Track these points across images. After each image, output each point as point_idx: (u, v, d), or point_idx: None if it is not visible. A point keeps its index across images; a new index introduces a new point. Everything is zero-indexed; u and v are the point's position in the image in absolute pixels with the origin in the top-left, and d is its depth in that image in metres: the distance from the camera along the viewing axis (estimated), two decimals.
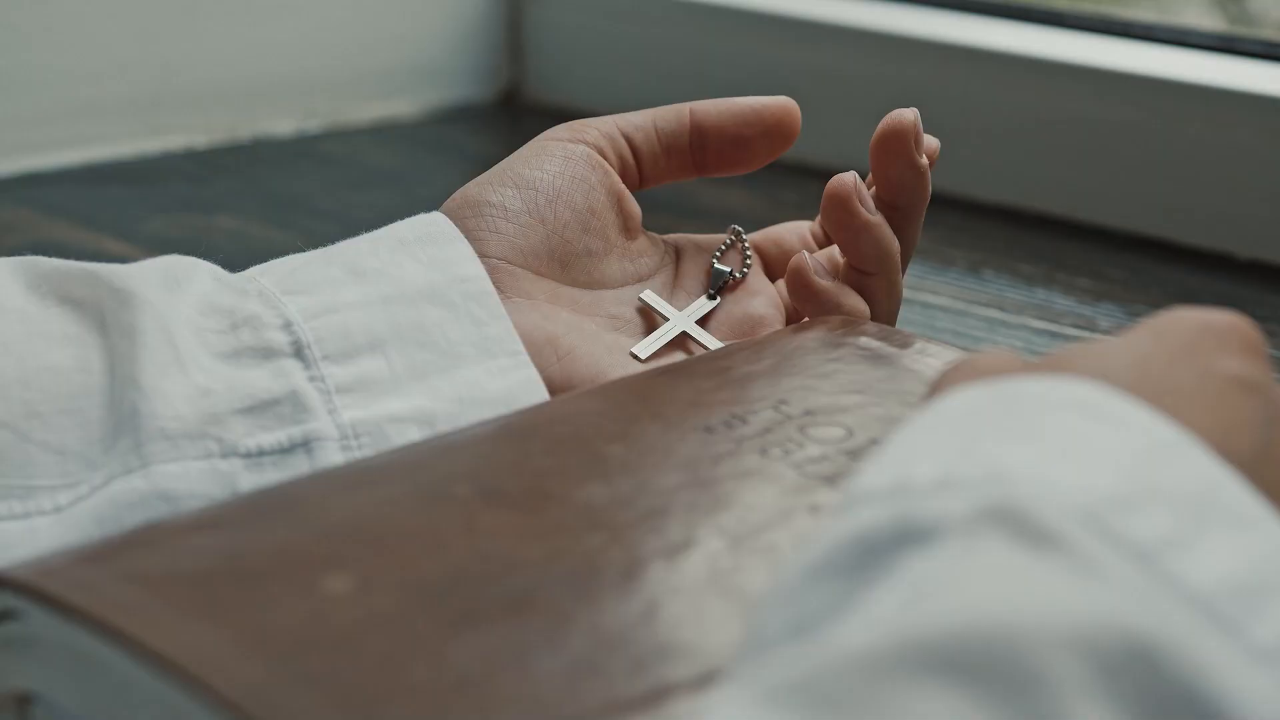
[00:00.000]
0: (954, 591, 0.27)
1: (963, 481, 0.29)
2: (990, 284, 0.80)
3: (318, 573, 0.36)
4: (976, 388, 0.33)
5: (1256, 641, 0.28)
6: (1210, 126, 0.84)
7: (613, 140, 0.56)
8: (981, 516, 0.28)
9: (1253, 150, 0.82)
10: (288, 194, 0.94)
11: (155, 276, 0.48)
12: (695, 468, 0.42)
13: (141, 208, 0.90)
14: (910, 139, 0.55)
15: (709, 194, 0.92)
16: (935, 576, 0.27)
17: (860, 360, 0.49)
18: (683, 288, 0.57)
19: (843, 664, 0.25)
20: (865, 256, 0.55)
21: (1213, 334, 0.34)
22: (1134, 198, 0.87)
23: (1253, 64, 0.87)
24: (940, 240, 0.86)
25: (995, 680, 0.25)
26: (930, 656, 0.25)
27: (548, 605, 0.35)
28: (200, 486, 0.45)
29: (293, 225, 0.87)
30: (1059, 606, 0.26)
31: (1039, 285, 0.80)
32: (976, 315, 0.76)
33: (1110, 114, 0.87)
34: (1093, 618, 0.26)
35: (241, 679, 0.32)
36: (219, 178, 0.96)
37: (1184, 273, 0.82)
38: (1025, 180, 0.90)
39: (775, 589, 0.30)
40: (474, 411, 0.48)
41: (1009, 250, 0.85)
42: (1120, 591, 0.27)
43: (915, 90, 0.93)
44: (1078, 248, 0.85)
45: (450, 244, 0.52)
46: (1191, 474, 0.31)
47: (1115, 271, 0.82)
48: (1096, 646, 0.26)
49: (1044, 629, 0.26)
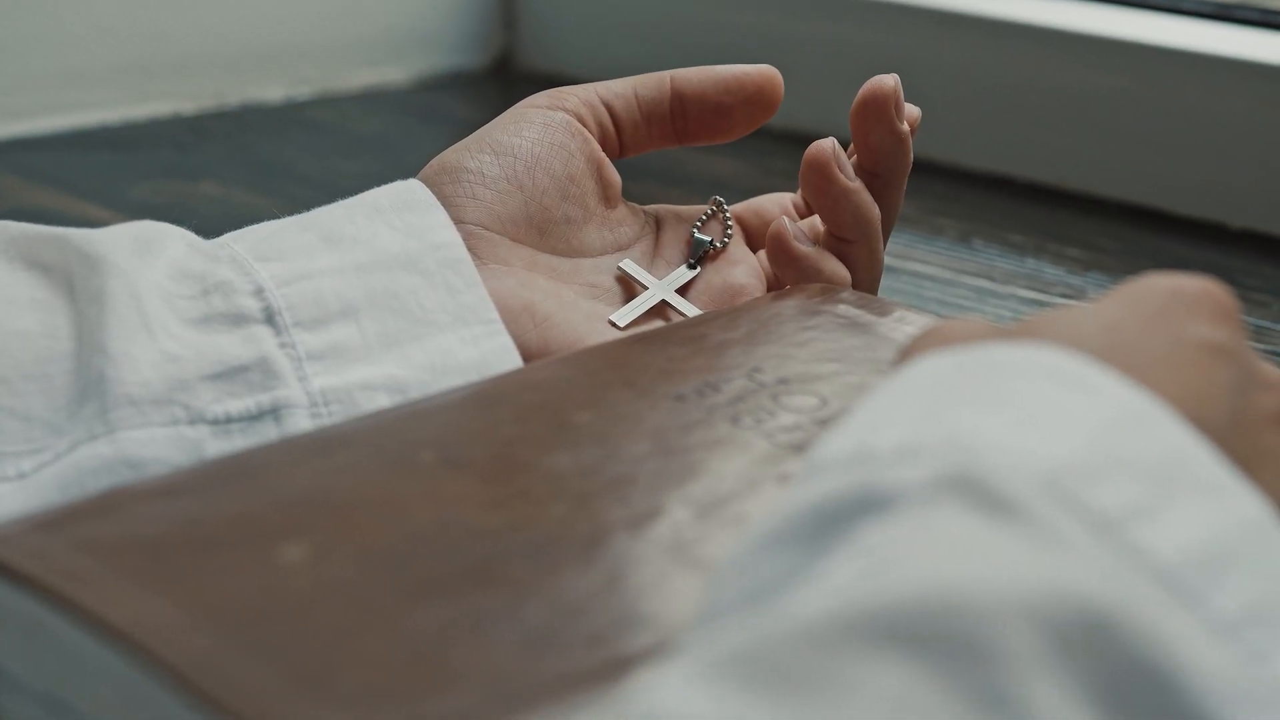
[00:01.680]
0: (908, 561, 0.26)
1: (924, 449, 0.29)
2: (980, 253, 0.80)
3: (275, 541, 0.36)
4: (945, 355, 0.32)
5: (1218, 613, 0.27)
6: (1203, 95, 0.83)
7: (593, 108, 0.56)
8: (940, 485, 0.28)
9: (1246, 119, 0.82)
10: (275, 161, 0.93)
11: (125, 242, 0.48)
12: (664, 436, 0.41)
13: (127, 174, 0.89)
14: (890, 105, 0.54)
15: (698, 162, 0.91)
16: (890, 546, 0.27)
17: (837, 328, 0.48)
18: (663, 257, 0.56)
19: (791, 635, 0.25)
20: (845, 223, 0.54)
21: (1185, 300, 0.34)
22: (1126, 167, 0.86)
23: (1247, 31, 0.86)
24: (930, 209, 0.85)
25: (947, 651, 0.25)
26: (881, 627, 0.25)
27: (508, 575, 0.35)
28: (166, 453, 0.44)
29: (278, 192, 0.86)
30: (1015, 577, 0.26)
31: (1029, 255, 0.79)
32: (965, 285, 0.75)
33: (1103, 82, 0.87)
34: (1049, 588, 0.26)
35: (190, 650, 0.32)
36: (206, 144, 0.96)
37: (1176, 242, 0.81)
38: (1017, 149, 0.90)
39: (733, 558, 0.30)
40: (447, 380, 0.47)
41: (999, 219, 0.84)
42: (1079, 562, 0.27)
43: (909, 58, 0.92)
44: (1069, 217, 0.85)
45: (427, 211, 0.51)
46: (1160, 442, 0.30)
47: (1106, 241, 0.81)
48: (1052, 618, 0.25)
49: (999, 599, 0.25)
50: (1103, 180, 0.87)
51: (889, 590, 0.25)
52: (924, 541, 0.27)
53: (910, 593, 0.25)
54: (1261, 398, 0.34)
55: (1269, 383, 0.34)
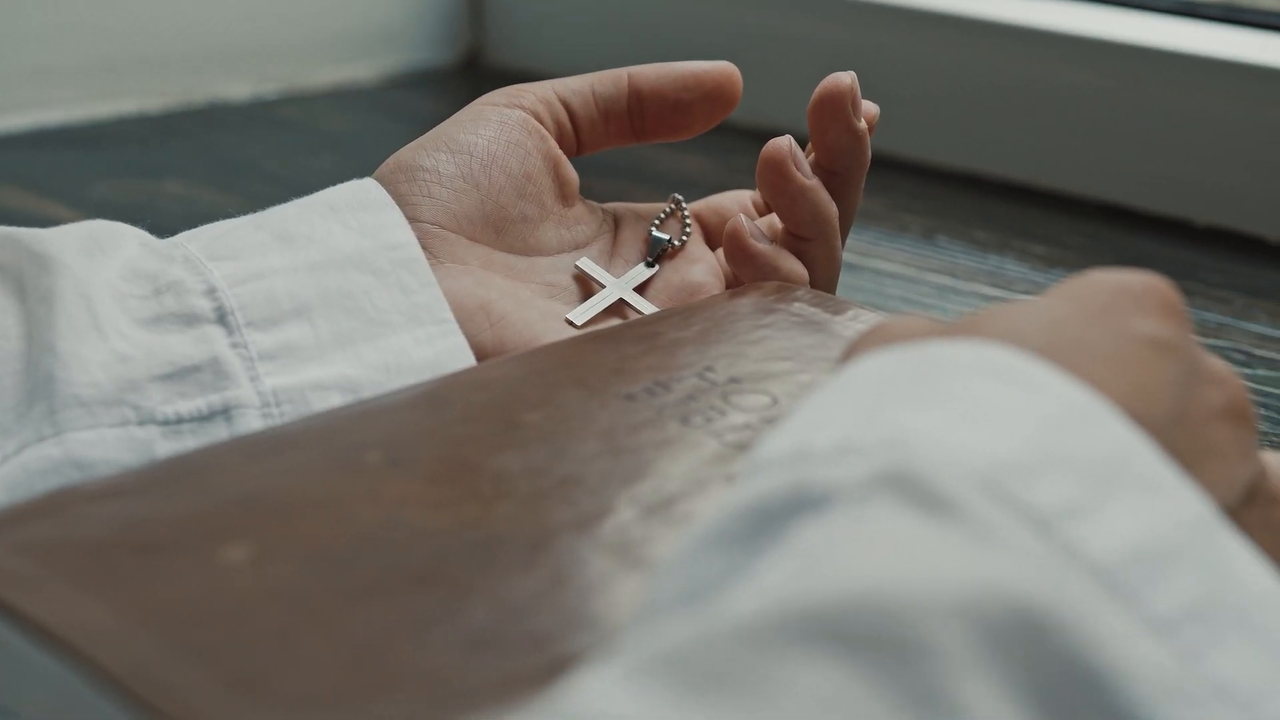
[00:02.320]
0: (842, 559, 0.26)
1: (861, 447, 0.29)
2: (944, 250, 0.79)
3: (217, 543, 0.35)
4: (886, 353, 0.32)
5: (1156, 611, 0.27)
6: (1169, 92, 0.83)
7: (550, 105, 0.56)
8: (877, 482, 0.28)
9: (1211, 116, 0.82)
10: (240, 159, 0.93)
11: (76, 242, 0.48)
12: (613, 436, 0.41)
13: (90, 172, 0.88)
14: (847, 103, 0.54)
15: (665, 160, 0.91)
16: (825, 544, 0.27)
17: (792, 327, 0.48)
18: (621, 256, 0.56)
19: (721, 635, 0.25)
20: (801, 221, 0.54)
21: (1129, 295, 0.34)
22: (1093, 164, 0.86)
23: (1212, 28, 0.86)
24: (896, 206, 0.85)
25: (879, 651, 0.24)
26: (812, 626, 0.25)
27: (451, 576, 0.35)
28: (115, 454, 0.44)
29: (242, 190, 0.86)
30: (949, 575, 0.26)
31: (993, 252, 0.79)
32: (928, 282, 0.75)
33: (1069, 79, 0.86)
34: (983, 587, 0.25)
35: (126, 654, 0.31)
36: (171, 142, 0.95)
37: (1141, 239, 0.81)
38: (984, 146, 0.90)
39: (672, 558, 0.29)
40: (400, 379, 0.47)
41: (965, 217, 0.84)
42: (1014, 560, 0.27)
43: (877, 55, 0.92)
44: (1035, 214, 0.85)
45: (381, 210, 0.51)
46: (1101, 439, 0.30)
47: (1072, 238, 0.81)
48: (985, 616, 0.25)
49: (932, 598, 0.25)
50: (1069, 177, 0.87)
51: (821, 589, 0.25)
52: (858, 539, 0.27)
53: (843, 591, 0.25)
54: (1207, 393, 0.34)
55: (1215, 378, 0.34)
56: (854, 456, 0.28)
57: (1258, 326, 0.70)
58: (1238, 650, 0.28)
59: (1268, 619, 0.29)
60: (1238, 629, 0.28)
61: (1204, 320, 0.70)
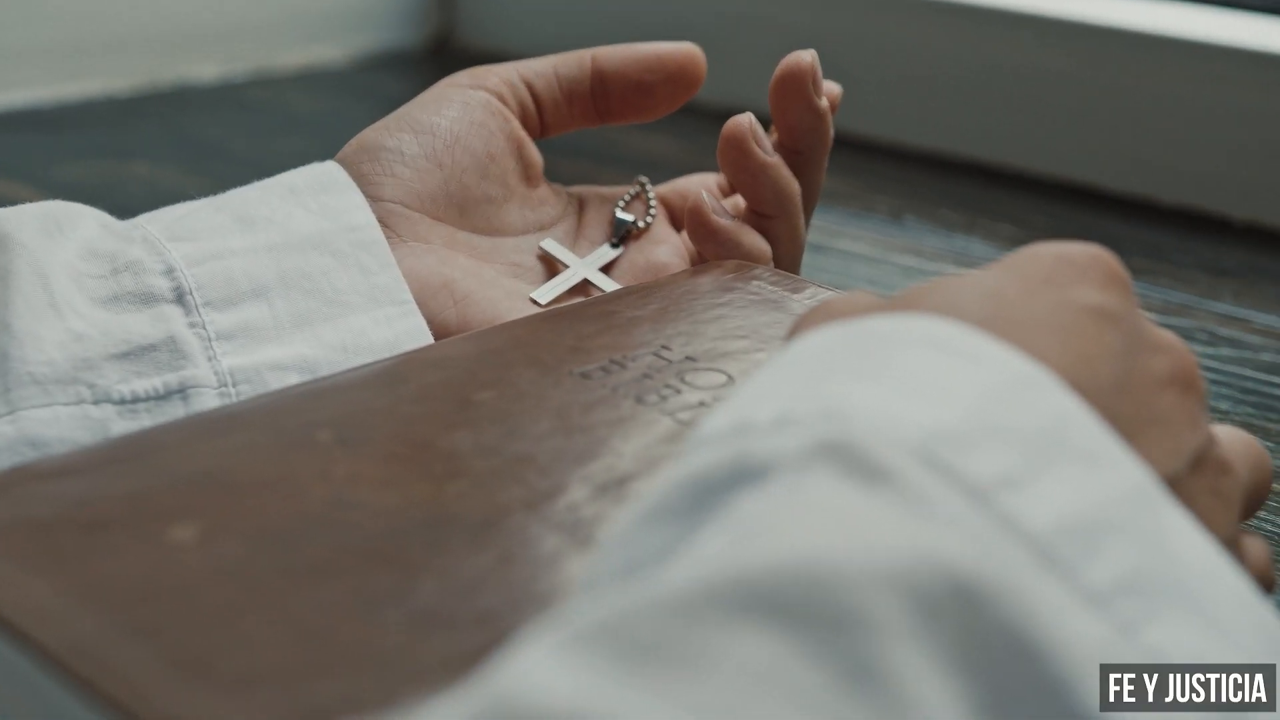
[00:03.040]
0: (777, 529, 0.26)
1: (800, 418, 0.29)
2: (911, 230, 0.79)
3: (165, 522, 0.35)
4: (829, 328, 0.32)
5: (1091, 583, 0.27)
6: (1135, 73, 0.83)
7: (513, 87, 0.56)
8: (814, 452, 0.28)
9: (1177, 97, 0.82)
10: (207, 141, 0.93)
11: (34, 221, 0.47)
12: (567, 415, 0.41)
13: (56, 154, 0.88)
14: (808, 81, 0.54)
15: (630, 141, 0.91)
16: (761, 514, 0.27)
17: (749, 305, 0.48)
18: (586, 238, 0.56)
19: (655, 605, 0.24)
20: (763, 198, 0.54)
21: (1071, 266, 0.33)
22: (1059, 145, 0.86)
23: (1178, 8, 0.86)
24: (865, 187, 0.85)
25: (813, 621, 0.24)
26: (746, 596, 0.24)
27: (400, 555, 0.35)
28: (70, 433, 0.44)
29: (210, 172, 0.86)
30: (883, 545, 0.26)
31: (960, 232, 0.79)
32: (894, 262, 0.75)
33: (1036, 61, 0.86)
34: (918, 557, 0.25)
35: (69, 633, 0.31)
36: (138, 124, 0.95)
37: (1107, 219, 0.81)
38: (952, 127, 0.90)
39: (614, 533, 0.29)
40: (358, 360, 0.47)
41: (933, 197, 0.84)
42: (950, 531, 0.26)
43: (846, 37, 0.92)
44: (1002, 195, 0.85)
45: (342, 193, 0.51)
46: (1040, 409, 0.30)
47: (1038, 218, 0.81)
48: (920, 587, 0.25)
49: (865, 568, 0.25)
50: (1036, 158, 0.87)
51: (755, 559, 0.25)
52: (794, 509, 0.26)
53: (776, 561, 0.25)
54: (1152, 361, 0.33)
55: (1160, 346, 0.34)
56: (793, 428, 0.28)
57: (1222, 306, 0.70)
58: (1173, 622, 0.28)
59: (1204, 590, 0.29)
60: (1174, 600, 0.28)
61: (1168, 299, 0.70)
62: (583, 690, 0.23)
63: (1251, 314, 0.69)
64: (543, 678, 0.23)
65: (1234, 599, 0.29)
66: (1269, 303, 0.70)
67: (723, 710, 0.23)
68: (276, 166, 0.52)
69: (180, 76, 1.02)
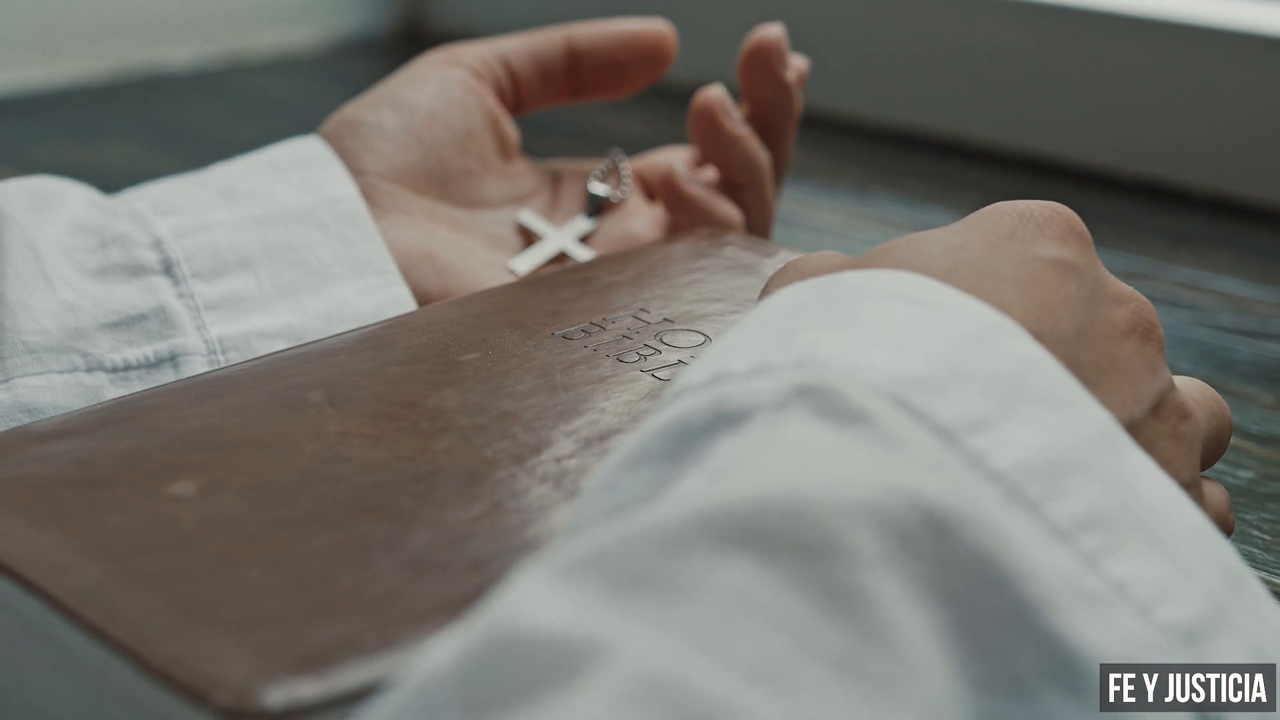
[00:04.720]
0: (756, 465, 0.27)
1: (776, 366, 0.30)
2: (877, 202, 0.81)
3: (163, 478, 0.36)
4: (800, 285, 0.33)
5: (1055, 518, 0.29)
6: (1096, 48, 0.85)
7: (488, 64, 0.57)
8: (791, 396, 0.29)
9: (1137, 70, 0.83)
10: (181, 125, 0.93)
11: (22, 196, 0.48)
12: (550, 374, 0.42)
13: (30, 137, 0.89)
14: (775, 55, 0.55)
15: (603, 118, 0.92)
16: (741, 452, 0.28)
17: (723, 270, 0.49)
18: (561, 210, 0.57)
19: (640, 537, 0.26)
20: (734, 169, 0.55)
21: (1033, 222, 0.35)
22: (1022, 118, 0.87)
23: None
24: (833, 160, 0.86)
25: (793, 549, 0.25)
26: (727, 528, 0.26)
27: (392, 506, 0.36)
28: (64, 400, 0.45)
29: (184, 156, 0.86)
30: (859, 478, 0.27)
31: (925, 202, 0.81)
32: (860, 235, 0.76)
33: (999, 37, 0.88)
34: (891, 489, 0.27)
35: (76, 581, 0.32)
36: (111, 108, 0.95)
37: (1069, 190, 0.82)
38: (917, 102, 0.91)
39: (598, 478, 0.31)
40: (343, 328, 0.48)
41: (900, 170, 0.85)
42: (922, 466, 0.28)
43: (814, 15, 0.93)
44: (967, 167, 0.86)
45: (324, 167, 0.52)
46: (1005, 356, 0.31)
47: (1002, 189, 0.83)
48: (894, 517, 0.26)
49: (842, 499, 0.26)
50: (1000, 131, 0.88)
51: (737, 493, 0.26)
52: (773, 447, 0.28)
53: (757, 495, 0.26)
54: (1112, 311, 0.35)
55: (1120, 297, 0.35)
56: (769, 375, 0.30)
57: (1181, 271, 0.72)
58: (1135, 555, 0.29)
59: (1164, 526, 0.30)
60: (1135, 535, 0.29)
61: (1130, 266, 0.72)
62: (575, 616, 0.24)
63: (1209, 279, 0.71)
64: (537, 606, 0.25)
65: (1193, 534, 0.31)
66: (1226, 268, 0.72)
67: (708, 633, 0.24)
68: (250, 150, 0.53)
69: (154, 61, 1.03)
